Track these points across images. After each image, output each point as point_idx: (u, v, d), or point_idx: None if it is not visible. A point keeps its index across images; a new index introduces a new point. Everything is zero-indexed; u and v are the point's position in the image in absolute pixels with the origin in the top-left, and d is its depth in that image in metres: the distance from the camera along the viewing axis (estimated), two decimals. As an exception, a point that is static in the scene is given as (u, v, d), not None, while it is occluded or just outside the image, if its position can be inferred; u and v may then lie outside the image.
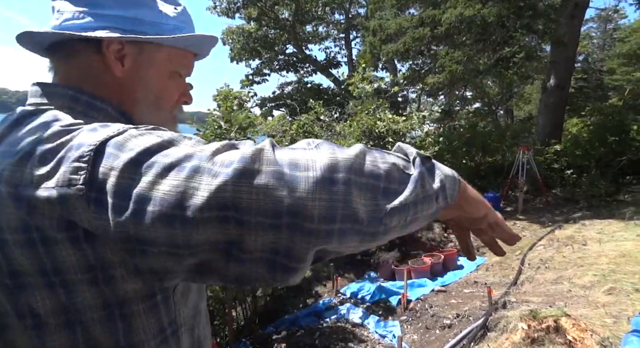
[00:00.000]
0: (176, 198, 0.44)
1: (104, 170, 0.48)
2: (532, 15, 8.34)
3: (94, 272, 0.53)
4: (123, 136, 0.51)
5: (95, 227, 0.49)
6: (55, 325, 0.55)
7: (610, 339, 2.53)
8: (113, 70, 0.68)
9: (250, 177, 0.44)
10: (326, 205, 0.45)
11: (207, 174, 0.44)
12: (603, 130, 8.65)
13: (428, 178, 0.54)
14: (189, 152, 0.47)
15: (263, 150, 0.47)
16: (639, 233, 5.20)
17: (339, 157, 0.48)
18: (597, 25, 24.93)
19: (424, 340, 3.49)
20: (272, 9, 16.11)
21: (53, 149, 0.52)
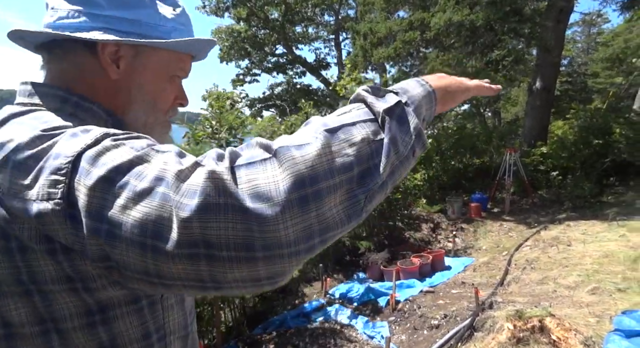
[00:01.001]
0: (147, 227, 0.42)
1: (77, 186, 0.47)
2: (518, 20, 8.48)
3: (72, 282, 0.52)
4: (97, 149, 0.49)
5: (72, 243, 0.48)
6: (30, 334, 0.54)
7: (593, 338, 2.58)
8: (108, 73, 0.67)
9: (214, 213, 0.41)
10: (301, 228, 0.43)
11: (174, 206, 0.42)
12: (587, 132, 8.82)
13: (401, 135, 0.51)
14: (158, 174, 0.45)
15: (220, 176, 0.43)
16: (621, 234, 5.32)
17: (301, 169, 0.43)
18: (581, 29, 25.44)
19: (412, 340, 3.51)
20: (262, 9, 16.07)
21: (33, 155, 0.51)
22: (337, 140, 0.47)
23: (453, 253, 5.81)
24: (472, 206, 7.88)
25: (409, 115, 0.53)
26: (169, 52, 0.70)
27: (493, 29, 8.76)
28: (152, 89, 0.71)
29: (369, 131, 0.50)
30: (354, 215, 0.47)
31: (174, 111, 0.78)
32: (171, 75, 0.73)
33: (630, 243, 4.85)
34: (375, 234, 5.86)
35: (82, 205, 0.46)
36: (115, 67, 0.66)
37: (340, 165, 0.46)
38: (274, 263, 0.42)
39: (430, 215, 7.57)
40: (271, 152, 0.45)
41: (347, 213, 0.46)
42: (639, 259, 4.19)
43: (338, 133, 0.48)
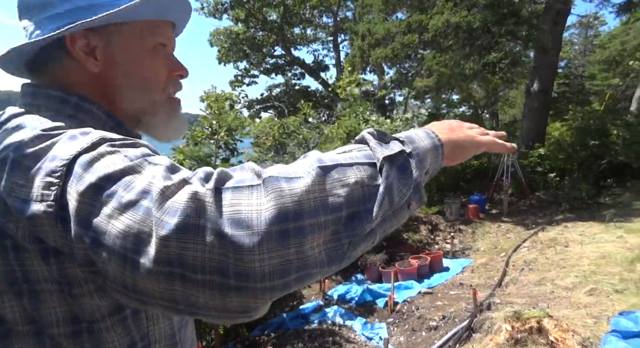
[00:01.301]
0: (129, 240, 0.42)
1: (69, 190, 0.47)
2: (515, 23, 8.52)
3: (60, 286, 0.52)
4: (92, 154, 0.49)
5: (61, 246, 0.48)
6: (24, 333, 0.54)
7: (590, 339, 2.59)
8: (88, 68, 0.64)
9: (193, 234, 0.41)
10: (277, 262, 0.41)
11: (155, 223, 0.42)
12: (584, 134, 8.86)
13: (398, 185, 0.49)
14: (145, 187, 0.44)
15: (204, 199, 0.42)
16: (618, 235, 5.34)
17: (286, 203, 0.42)
18: (578, 31, 25.57)
19: (410, 342, 3.52)
20: (260, 11, 16.09)
21: (31, 155, 0.51)
22: (329, 178, 0.45)
23: (451, 255, 5.82)
24: (470, 207, 7.90)
25: (410, 166, 0.51)
26: (137, 23, 0.66)
27: (490, 31, 8.80)
28: (137, 70, 0.67)
29: (365, 175, 0.48)
30: (335, 259, 0.45)
31: (174, 85, 0.73)
32: (151, 47, 0.68)
33: (628, 245, 4.88)
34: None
35: (72, 210, 0.46)
36: (93, 59, 0.64)
37: (329, 204, 0.44)
38: (246, 295, 0.41)
39: (428, 216, 7.58)
40: (260, 179, 0.44)
41: (329, 255, 0.44)
42: (636, 260, 4.21)
43: (332, 172, 0.46)
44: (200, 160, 3.56)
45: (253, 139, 7.85)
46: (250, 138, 7.92)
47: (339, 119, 6.92)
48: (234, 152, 3.93)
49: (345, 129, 5.83)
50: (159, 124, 0.73)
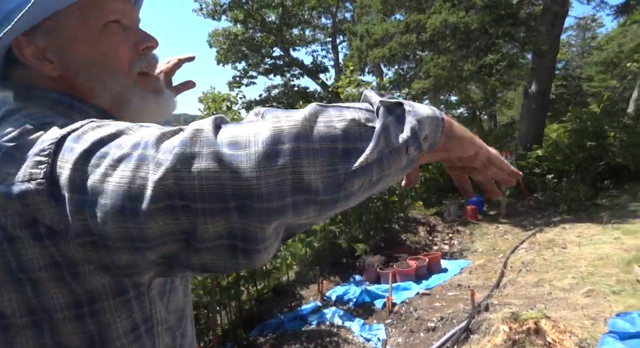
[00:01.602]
0: (125, 189, 0.42)
1: (61, 164, 0.47)
2: (512, 24, 8.54)
3: (59, 269, 0.51)
4: (82, 129, 0.49)
5: (56, 223, 0.48)
6: (22, 325, 0.54)
7: (588, 340, 2.59)
8: (48, 73, 0.61)
9: (190, 162, 0.41)
10: (274, 181, 0.41)
11: (152, 162, 0.42)
12: (582, 135, 8.89)
13: (395, 129, 0.48)
14: (138, 140, 0.45)
15: (202, 130, 0.43)
16: (616, 237, 5.36)
17: (283, 126, 0.43)
18: (576, 33, 25.67)
19: (409, 343, 3.52)
20: (259, 12, 16.10)
21: (20, 146, 0.51)
22: (327, 113, 0.46)
23: (449, 256, 5.83)
24: (468, 209, 7.91)
25: (409, 114, 0.50)
26: (72, 9, 0.60)
27: (488, 33, 8.82)
28: (92, 58, 0.62)
29: (361, 116, 0.47)
30: (330, 187, 0.44)
31: (142, 61, 0.67)
32: (100, 27, 0.62)
33: (625, 246, 4.89)
34: (371, 237, 5.87)
35: (65, 180, 0.46)
36: (48, 62, 0.61)
37: (325, 134, 0.44)
38: (246, 216, 0.42)
39: (426, 217, 7.59)
40: (259, 116, 0.46)
41: (324, 183, 0.44)
42: (633, 262, 4.22)
43: (330, 109, 0.47)
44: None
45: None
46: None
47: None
48: None
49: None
50: (141, 110, 0.68)
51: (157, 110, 0.70)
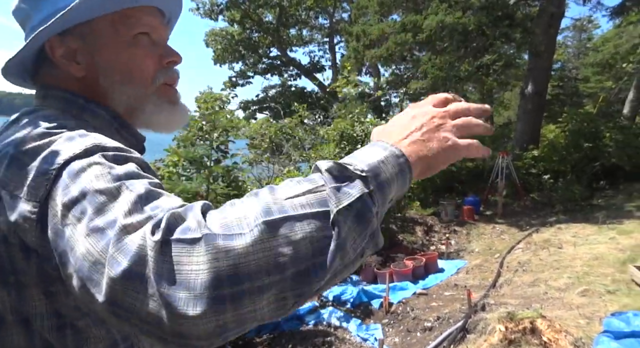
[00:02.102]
0: (88, 266, 0.44)
1: (54, 195, 0.49)
2: (509, 25, 8.58)
3: (40, 281, 0.54)
4: (81, 164, 0.50)
5: (36, 246, 0.51)
6: (12, 321, 0.56)
7: (583, 340, 2.61)
8: (73, 74, 0.65)
9: (137, 283, 0.41)
10: (213, 326, 0.40)
11: (109, 258, 0.42)
12: (578, 136, 8.93)
13: (353, 237, 0.44)
14: (113, 217, 0.45)
15: (151, 253, 0.41)
16: (611, 237, 5.39)
17: (222, 267, 0.39)
18: (572, 34, 25.79)
19: (405, 342, 3.52)
20: (256, 12, 16.08)
21: (29, 151, 0.53)
22: (274, 236, 0.41)
23: (446, 256, 5.84)
24: (465, 209, 7.93)
25: (369, 211, 0.46)
26: (106, 18, 0.64)
27: (485, 34, 8.85)
28: (118, 65, 0.66)
29: (315, 228, 0.43)
30: (277, 314, 0.43)
31: (165, 75, 0.70)
32: (130, 38, 0.66)
33: (620, 246, 4.92)
34: (368, 237, 5.87)
35: (51, 216, 0.49)
36: (76, 63, 0.65)
37: (272, 265, 0.41)
38: (182, 347, 0.41)
39: (423, 218, 7.61)
40: (201, 233, 0.41)
41: (270, 313, 0.42)
42: (628, 261, 4.25)
43: (279, 228, 0.42)
44: (194, 161, 3.55)
45: (248, 140, 7.85)
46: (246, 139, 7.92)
47: (334, 120, 6.94)
48: (225, 154, 3.93)
49: (339, 130, 5.84)
50: (152, 118, 0.71)
51: (170, 119, 0.73)
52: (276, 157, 7.41)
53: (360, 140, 5.78)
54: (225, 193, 3.56)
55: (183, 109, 0.75)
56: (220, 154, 3.87)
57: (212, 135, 3.85)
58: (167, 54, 0.70)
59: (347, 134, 5.78)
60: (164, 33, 0.72)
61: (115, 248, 0.42)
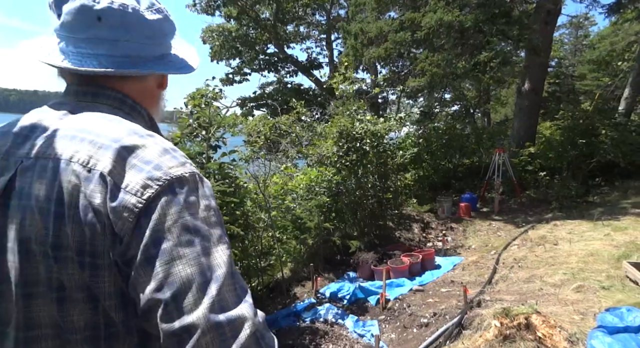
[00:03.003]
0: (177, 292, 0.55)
1: (163, 204, 0.59)
2: (506, 22, 8.58)
3: (116, 264, 0.61)
4: (191, 190, 0.63)
5: (125, 234, 0.58)
6: (81, 299, 0.62)
7: (577, 335, 2.63)
8: (154, 92, 0.87)
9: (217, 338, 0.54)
10: None
11: (209, 300, 0.55)
12: (574, 133, 8.98)
13: None
14: (215, 268, 0.58)
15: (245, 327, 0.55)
16: (606, 233, 5.43)
17: None
18: (569, 31, 25.83)
19: (402, 338, 3.55)
20: (253, 8, 16.00)
21: (130, 149, 0.63)
22: None
23: (443, 253, 5.87)
24: (462, 206, 7.96)
25: None
26: (153, 75, 0.86)
27: (482, 31, 8.85)
28: (153, 96, 0.88)
29: None
30: None
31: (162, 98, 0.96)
32: (159, 84, 0.90)
33: (615, 243, 4.96)
34: (365, 234, 5.89)
35: (154, 222, 0.58)
36: (159, 88, 0.88)
37: None
38: None
39: (420, 214, 7.63)
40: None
41: None
42: (622, 258, 4.28)
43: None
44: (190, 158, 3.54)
45: (245, 137, 7.83)
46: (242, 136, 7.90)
47: (332, 117, 6.93)
48: (216, 149, 3.92)
49: (338, 128, 5.83)
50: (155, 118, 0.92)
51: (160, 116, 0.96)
52: (273, 154, 7.40)
53: (359, 139, 5.77)
54: (222, 191, 3.56)
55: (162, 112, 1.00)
56: (212, 151, 3.86)
57: (210, 131, 3.84)
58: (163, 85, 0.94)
59: (346, 132, 5.78)
60: None
61: (218, 298, 0.55)
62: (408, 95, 17.16)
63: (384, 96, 16.91)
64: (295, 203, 5.28)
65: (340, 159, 5.75)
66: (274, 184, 5.36)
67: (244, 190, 4.29)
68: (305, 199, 5.34)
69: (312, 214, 5.20)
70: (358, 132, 5.78)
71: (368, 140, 5.78)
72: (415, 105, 19.29)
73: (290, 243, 5.11)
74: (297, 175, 6.00)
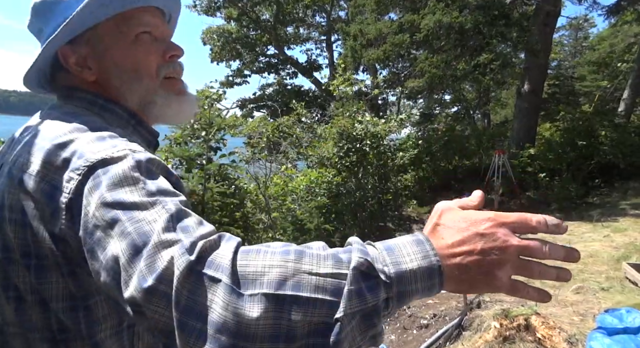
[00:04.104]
0: (117, 268, 0.48)
1: (87, 193, 0.53)
2: (505, 24, 8.60)
3: (63, 264, 0.59)
4: (116, 169, 0.54)
5: (64, 233, 0.55)
6: (32, 302, 0.60)
7: (576, 336, 2.63)
8: (87, 79, 0.71)
9: (158, 299, 0.44)
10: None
11: (138, 270, 0.46)
12: (573, 134, 8.98)
13: (352, 337, 0.44)
14: (147, 232, 0.48)
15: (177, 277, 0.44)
16: (605, 235, 5.43)
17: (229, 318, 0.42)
18: (568, 33, 25.87)
19: (402, 340, 3.55)
20: (253, 10, 16.04)
21: (61, 144, 0.59)
22: (279, 311, 0.43)
23: (442, 254, 5.87)
24: (461, 207, 7.95)
25: (376, 317, 0.45)
26: (109, 22, 0.69)
27: (481, 33, 8.88)
28: (125, 65, 0.70)
29: (319, 314, 0.43)
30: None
31: (168, 68, 0.74)
32: (132, 38, 0.70)
33: (614, 244, 4.96)
34: (365, 235, 5.90)
35: (83, 213, 0.53)
36: (87, 69, 0.70)
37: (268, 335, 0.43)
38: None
39: (420, 216, 7.64)
40: (226, 276, 0.44)
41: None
42: (622, 259, 4.29)
43: (285, 304, 0.43)
44: (189, 160, 3.56)
45: (246, 138, 7.85)
46: (243, 137, 7.92)
47: (332, 118, 6.95)
48: (216, 151, 3.94)
49: (339, 128, 5.85)
50: (163, 110, 0.75)
51: (178, 109, 0.77)
52: (273, 156, 7.41)
53: (361, 139, 5.79)
54: (222, 192, 3.57)
55: (191, 99, 0.80)
56: (211, 152, 3.88)
57: (209, 132, 3.85)
58: (169, 49, 0.74)
59: (347, 133, 5.79)
60: (165, 30, 0.76)
61: (145, 263, 0.46)
62: (408, 97, 17.17)
63: (383, 97, 16.93)
64: (296, 205, 5.29)
65: (341, 159, 5.76)
66: (274, 185, 5.37)
67: (244, 190, 4.30)
68: (305, 200, 5.35)
69: (312, 215, 5.20)
70: (358, 133, 5.79)
71: (368, 141, 5.79)
72: (415, 107, 19.32)
73: (290, 245, 5.11)
74: (297, 176, 6.01)
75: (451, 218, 0.51)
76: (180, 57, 0.77)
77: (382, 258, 0.47)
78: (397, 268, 0.46)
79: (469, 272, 0.47)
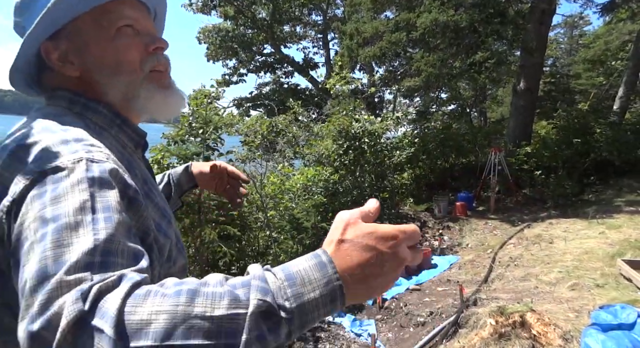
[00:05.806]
0: (22, 290, 0.45)
1: (28, 201, 0.52)
2: (501, 22, 8.62)
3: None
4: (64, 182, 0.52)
5: (5, 241, 0.54)
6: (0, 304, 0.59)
7: (571, 332, 2.66)
8: (69, 74, 0.69)
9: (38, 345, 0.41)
10: None
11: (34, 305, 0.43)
12: (569, 132, 9.03)
13: None
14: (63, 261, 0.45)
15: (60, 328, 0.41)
16: (601, 232, 5.47)
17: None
18: (564, 31, 25.96)
19: (398, 337, 3.56)
20: (249, 8, 15.99)
21: (25, 146, 0.57)
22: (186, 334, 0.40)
23: (439, 252, 5.89)
24: (458, 205, 7.99)
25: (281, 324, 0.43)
26: (87, 16, 0.67)
27: (477, 31, 8.89)
28: (106, 59, 0.68)
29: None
30: None
31: (153, 62, 0.72)
32: (113, 32, 0.68)
33: (609, 241, 5.00)
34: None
35: (19, 221, 0.51)
36: (70, 64, 0.68)
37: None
38: None
39: (417, 213, 7.66)
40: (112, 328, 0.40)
41: None
42: (616, 256, 4.32)
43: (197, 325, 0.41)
44: (186, 158, 3.54)
45: (242, 137, 7.84)
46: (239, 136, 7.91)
47: (328, 117, 6.95)
48: (214, 150, 3.93)
49: (337, 126, 5.85)
50: (147, 105, 0.73)
51: (163, 104, 0.75)
52: (270, 154, 7.40)
53: (359, 137, 5.80)
54: (219, 191, 3.56)
55: (177, 93, 0.77)
56: (209, 152, 3.87)
57: (207, 131, 3.84)
58: (152, 41, 0.72)
59: (344, 130, 5.81)
60: (148, 23, 0.75)
61: (42, 298, 0.43)
62: (404, 95, 17.18)
63: (380, 95, 16.94)
64: (293, 203, 5.29)
65: (340, 157, 5.77)
66: (271, 184, 5.37)
67: (240, 190, 4.29)
68: (303, 199, 5.35)
69: (308, 214, 5.21)
70: (356, 131, 5.81)
71: (366, 139, 5.81)
72: (411, 105, 19.33)
73: (287, 243, 5.11)
74: (293, 174, 6.01)
75: (356, 234, 0.50)
76: (165, 50, 0.75)
77: (282, 291, 0.45)
78: (299, 302, 0.44)
79: (370, 288, 0.49)
